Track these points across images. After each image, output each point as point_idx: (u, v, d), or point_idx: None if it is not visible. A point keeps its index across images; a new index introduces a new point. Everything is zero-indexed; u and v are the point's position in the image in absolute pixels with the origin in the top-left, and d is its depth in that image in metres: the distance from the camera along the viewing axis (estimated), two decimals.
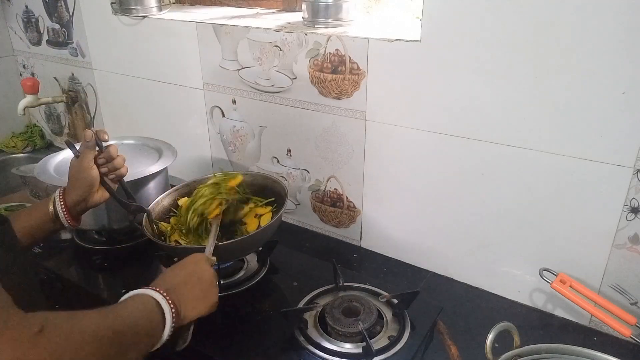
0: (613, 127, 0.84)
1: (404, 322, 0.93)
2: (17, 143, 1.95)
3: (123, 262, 1.20)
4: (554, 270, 0.97)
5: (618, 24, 0.78)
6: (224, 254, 0.97)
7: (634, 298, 0.91)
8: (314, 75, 1.14)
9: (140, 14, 1.44)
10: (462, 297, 1.08)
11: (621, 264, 0.92)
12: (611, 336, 0.95)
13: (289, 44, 1.15)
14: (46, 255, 1.22)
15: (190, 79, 1.41)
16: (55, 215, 0.93)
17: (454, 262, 1.12)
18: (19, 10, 1.81)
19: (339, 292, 1.00)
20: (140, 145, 1.35)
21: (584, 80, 0.84)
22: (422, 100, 1.02)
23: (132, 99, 1.61)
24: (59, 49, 1.75)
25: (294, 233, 1.34)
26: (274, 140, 1.30)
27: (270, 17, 1.33)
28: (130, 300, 0.69)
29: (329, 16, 1.15)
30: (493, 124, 0.95)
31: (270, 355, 0.89)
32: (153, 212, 1.07)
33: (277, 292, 1.07)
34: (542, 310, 1.03)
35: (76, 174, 0.93)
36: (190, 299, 0.75)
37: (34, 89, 1.69)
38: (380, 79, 1.05)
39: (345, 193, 1.23)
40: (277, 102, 1.24)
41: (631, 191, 0.86)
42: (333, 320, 0.90)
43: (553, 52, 0.85)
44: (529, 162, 0.94)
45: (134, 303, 0.69)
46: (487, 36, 0.90)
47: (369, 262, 1.21)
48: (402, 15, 1.23)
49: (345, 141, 1.16)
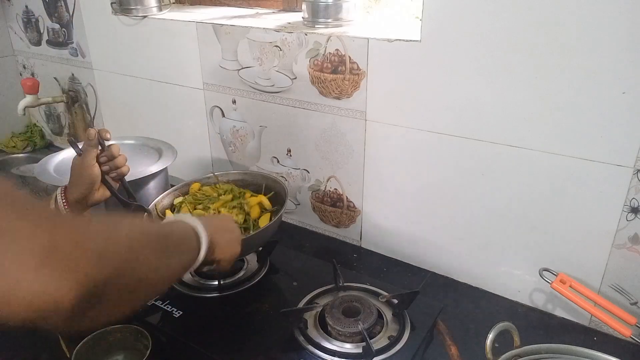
0: (613, 127, 0.84)
1: (404, 322, 0.93)
2: (17, 143, 1.95)
3: None
4: (554, 270, 0.97)
5: (618, 23, 0.78)
6: None
7: (634, 298, 0.91)
8: (314, 75, 1.14)
9: (140, 14, 1.44)
10: (462, 297, 1.08)
11: (621, 264, 0.92)
12: (611, 336, 0.95)
13: (289, 44, 1.15)
14: None
15: (190, 79, 1.41)
16: None
17: (454, 262, 1.12)
18: (19, 10, 1.81)
19: (339, 292, 1.00)
20: (140, 145, 1.35)
21: (584, 80, 0.84)
22: (422, 100, 1.02)
23: (132, 99, 1.61)
24: (59, 49, 1.75)
25: (294, 233, 1.34)
26: (274, 140, 1.30)
27: (270, 17, 1.33)
28: (171, 220, 0.76)
29: (329, 16, 1.15)
30: (493, 124, 0.95)
31: (270, 355, 0.89)
32: (153, 211, 1.07)
33: (277, 292, 1.07)
34: (542, 310, 1.03)
35: (78, 171, 0.93)
36: (220, 241, 0.79)
37: (34, 89, 1.69)
38: (380, 79, 1.05)
39: (345, 193, 1.23)
40: (277, 102, 1.24)
41: (631, 191, 0.86)
42: (333, 320, 0.90)
43: (553, 52, 0.85)
44: (529, 162, 0.94)
45: (176, 223, 0.73)
46: (487, 36, 0.90)
47: (369, 262, 1.21)
48: (402, 15, 1.23)
49: (345, 141, 1.16)
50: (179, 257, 0.67)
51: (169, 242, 0.65)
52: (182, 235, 0.70)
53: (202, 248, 0.72)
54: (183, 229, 0.72)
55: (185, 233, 0.71)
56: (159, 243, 0.62)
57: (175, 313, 0.98)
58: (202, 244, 0.72)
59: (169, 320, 0.97)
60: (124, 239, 0.55)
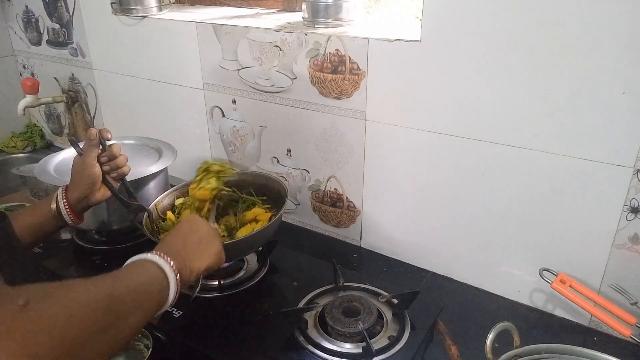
0: (613, 127, 0.84)
1: (404, 322, 0.93)
2: (17, 143, 1.95)
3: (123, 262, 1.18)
4: (554, 270, 0.97)
5: (618, 23, 0.78)
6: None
7: (634, 298, 0.91)
8: (314, 75, 1.14)
9: (140, 14, 1.44)
10: (462, 297, 1.08)
11: (621, 264, 0.92)
12: (611, 336, 0.95)
13: (289, 44, 1.15)
14: (46, 255, 1.22)
15: (190, 79, 1.41)
16: (58, 213, 0.94)
17: (454, 262, 1.12)
18: (19, 10, 1.81)
19: (339, 292, 1.00)
20: (140, 145, 1.35)
21: (584, 80, 0.84)
22: (422, 100, 1.02)
23: (132, 99, 1.61)
24: (59, 49, 1.76)
25: (294, 233, 1.34)
26: (274, 140, 1.30)
27: (270, 17, 1.33)
28: (129, 265, 0.67)
29: (329, 16, 1.15)
30: (493, 124, 0.95)
31: (270, 355, 0.89)
32: (153, 211, 1.07)
33: (277, 292, 1.07)
34: (542, 310, 1.03)
35: (79, 171, 0.93)
36: (192, 254, 0.74)
37: (34, 89, 1.69)
38: (380, 79, 1.05)
39: (345, 193, 1.23)
40: (277, 102, 1.24)
41: (631, 191, 0.86)
42: (333, 320, 0.90)
43: (553, 52, 0.85)
44: (529, 162, 0.94)
45: (133, 267, 0.67)
46: (487, 36, 0.90)
47: (369, 262, 1.21)
48: (402, 15, 1.23)
49: (345, 141, 1.16)
50: (139, 313, 0.60)
51: (123, 303, 0.58)
52: (140, 278, 0.64)
53: (170, 285, 0.66)
54: (142, 269, 0.66)
55: (145, 275, 0.65)
56: (107, 314, 0.55)
57: (175, 313, 0.98)
58: (169, 280, 0.66)
59: (169, 320, 0.97)
60: (63, 323, 0.50)
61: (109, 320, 0.55)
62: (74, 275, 1.18)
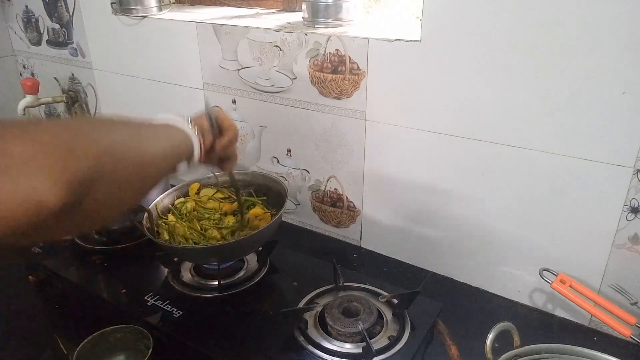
0: (613, 127, 0.84)
1: (404, 322, 0.93)
2: None
3: (123, 262, 1.20)
4: (554, 270, 0.97)
5: (618, 23, 0.78)
6: (224, 253, 0.97)
7: (634, 298, 0.91)
8: (314, 75, 1.14)
9: (140, 14, 1.44)
10: (462, 297, 1.08)
11: (621, 264, 0.92)
12: (611, 336, 0.95)
13: (289, 44, 1.15)
14: (46, 255, 1.22)
15: (190, 79, 1.40)
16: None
17: (454, 262, 1.12)
18: (19, 10, 1.81)
19: (339, 292, 1.00)
20: None
21: (584, 80, 0.84)
22: (422, 100, 1.02)
23: (132, 99, 1.61)
24: (59, 49, 1.75)
25: (294, 233, 1.34)
26: (274, 140, 1.30)
27: (270, 17, 1.33)
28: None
29: (329, 16, 1.15)
30: (493, 124, 0.95)
31: (270, 355, 0.89)
32: (153, 211, 1.07)
33: (277, 292, 1.07)
34: (542, 310, 1.03)
35: None
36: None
37: (34, 89, 1.69)
38: (380, 79, 1.05)
39: (345, 193, 1.23)
40: (277, 102, 1.24)
41: (631, 191, 0.86)
42: (333, 320, 0.90)
43: (553, 52, 0.85)
44: (529, 162, 0.94)
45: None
46: (487, 36, 0.90)
47: (369, 262, 1.21)
48: (402, 15, 1.23)
49: (345, 141, 1.16)
50: (167, 144, 0.68)
51: (154, 134, 0.67)
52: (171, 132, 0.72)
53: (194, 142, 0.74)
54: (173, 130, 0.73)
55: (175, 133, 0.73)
56: (141, 134, 0.63)
57: (175, 313, 0.98)
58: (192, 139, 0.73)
59: (169, 320, 0.97)
60: (105, 136, 0.54)
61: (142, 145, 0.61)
62: (74, 276, 1.18)
